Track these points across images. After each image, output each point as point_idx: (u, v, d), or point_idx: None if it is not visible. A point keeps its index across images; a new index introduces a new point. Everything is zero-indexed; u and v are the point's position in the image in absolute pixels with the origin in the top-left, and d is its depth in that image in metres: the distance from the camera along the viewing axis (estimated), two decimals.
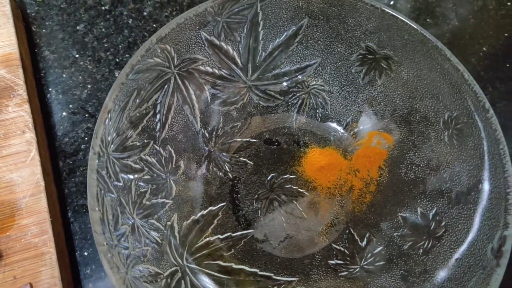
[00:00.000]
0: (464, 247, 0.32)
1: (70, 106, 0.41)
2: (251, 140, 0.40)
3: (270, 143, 0.40)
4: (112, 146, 0.32)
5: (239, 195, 0.38)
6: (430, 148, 0.36)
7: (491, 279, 0.28)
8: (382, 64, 0.37)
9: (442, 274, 0.32)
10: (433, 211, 0.35)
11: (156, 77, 0.34)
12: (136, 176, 0.33)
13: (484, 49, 0.45)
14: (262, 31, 0.37)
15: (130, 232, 0.31)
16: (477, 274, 0.30)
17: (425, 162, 0.36)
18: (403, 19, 0.34)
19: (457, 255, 0.32)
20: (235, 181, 0.38)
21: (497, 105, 0.42)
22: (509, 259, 0.29)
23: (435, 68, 0.34)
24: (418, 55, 0.35)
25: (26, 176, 0.36)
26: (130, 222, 0.32)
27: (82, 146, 0.40)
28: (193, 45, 0.36)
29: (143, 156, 0.34)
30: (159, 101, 0.35)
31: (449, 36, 0.45)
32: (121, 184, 0.32)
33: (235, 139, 0.39)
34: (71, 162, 0.39)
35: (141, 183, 0.34)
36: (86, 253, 0.37)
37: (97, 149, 0.30)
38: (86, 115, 0.41)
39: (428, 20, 0.46)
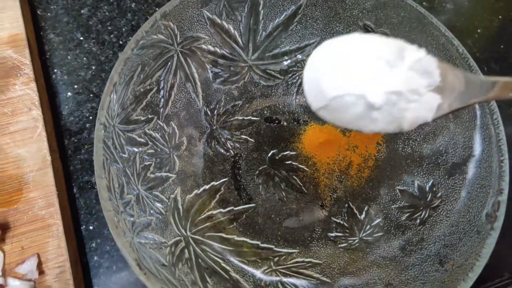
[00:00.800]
0: (459, 215, 0.33)
1: (75, 86, 0.42)
2: (252, 118, 0.41)
3: (271, 121, 0.41)
4: (117, 118, 0.33)
5: (240, 171, 0.39)
6: (426, 122, 0.37)
7: (485, 242, 0.29)
8: None
9: (438, 242, 0.33)
10: (430, 183, 0.36)
11: (159, 53, 0.35)
12: (140, 149, 0.34)
13: (479, 31, 0.46)
14: (262, 11, 0.38)
15: (135, 201, 0.32)
16: (472, 239, 0.31)
17: (422, 136, 0.37)
18: None
19: (452, 223, 0.33)
20: (237, 158, 0.39)
21: None
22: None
23: (431, 44, 0.35)
24: (415, 31, 0.36)
25: (33, 152, 0.36)
26: (135, 193, 0.33)
27: (87, 125, 0.41)
28: (195, 23, 0.37)
29: (147, 131, 0.35)
30: (162, 78, 0.36)
31: (444, 19, 0.46)
32: (126, 155, 0.33)
33: (236, 117, 0.40)
34: (76, 140, 0.40)
35: (145, 156, 0.35)
36: (91, 227, 0.38)
37: (103, 120, 0.31)
38: (91, 95, 0.42)
39: (424, 3, 0.47)
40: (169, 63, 0.36)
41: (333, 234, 0.37)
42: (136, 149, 0.34)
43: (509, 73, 0.44)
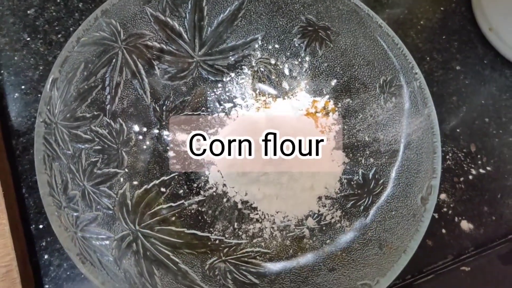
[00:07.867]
0: (398, 200, 0.34)
1: (23, 87, 0.42)
2: (201, 113, 0.41)
3: None
4: (60, 115, 0.33)
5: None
6: (369, 112, 0.38)
7: (420, 225, 0.31)
8: (321, 35, 0.39)
9: (380, 227, 0.34)
10: (373, 171, 0.37)
11: (103, 51, 0.36)
12: (86, 146, 0.35)
13: (422, 22, 0.47)
14: (206, 7, 0.39)
15: (80, 197, 0.32)
16: (408, 222, 0.32)
17: (365, 126, 0.38)
18: None
19: (392, 208, 0.34)
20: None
21: (435, 74, 0.45)
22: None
23: (369, 36, 0.37)
24: (353, 24, 0.37)
25: None
26: (81, 188, 0.33)
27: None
28: (139, 20, 0.37)
29: (93, 127, 0.35)
30: (107, 75, 0.36)
31: (389, 12, 0.48)
32: (70, 152, 0.33)
33: (185, 113, 0.41)
34: (24, 141, 0.40)
35: (92, 153, 0.35)
36: (41, 226, 0.37)
37: (44, 116, 0.31)
38: (39, 95, 0.42)
39: None
40: (114, 60, 0.37)
41: (281, 224, 0.38)
42: (81, 146, 0.34)
43: (450, 62, 0.46)
